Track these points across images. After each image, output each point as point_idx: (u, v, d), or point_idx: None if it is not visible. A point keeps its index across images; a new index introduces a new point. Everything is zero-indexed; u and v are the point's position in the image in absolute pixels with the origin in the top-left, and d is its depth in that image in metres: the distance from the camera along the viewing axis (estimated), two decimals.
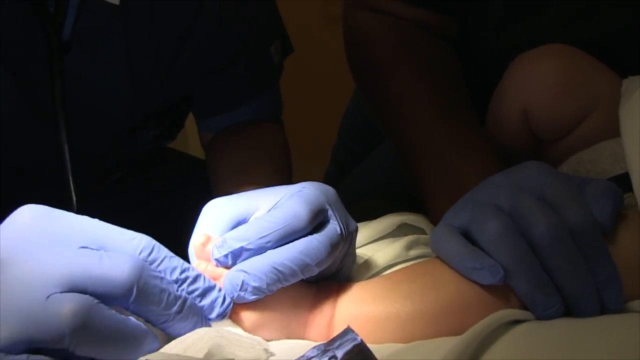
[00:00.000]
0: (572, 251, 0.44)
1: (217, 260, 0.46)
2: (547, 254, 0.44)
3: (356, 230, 0.50)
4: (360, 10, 0.75)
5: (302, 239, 0.46)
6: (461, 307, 0.46)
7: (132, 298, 0.40)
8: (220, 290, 0.45)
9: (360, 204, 0.75)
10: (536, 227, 0.44)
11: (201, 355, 0.40)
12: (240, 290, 0.45)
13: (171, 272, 0.43)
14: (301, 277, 0.46)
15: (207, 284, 0.44)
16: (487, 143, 0.65)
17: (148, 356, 0.40)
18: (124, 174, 0.90)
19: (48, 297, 0.38)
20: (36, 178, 0.75)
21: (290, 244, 0.46)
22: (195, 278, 0.44)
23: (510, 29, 0.71)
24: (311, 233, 0.47)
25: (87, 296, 0.39)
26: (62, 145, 0.64)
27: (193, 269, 0.44)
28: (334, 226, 0.47)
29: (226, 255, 0.46)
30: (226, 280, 0.45)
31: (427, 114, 0.67)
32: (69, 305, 0.38)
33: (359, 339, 0.41)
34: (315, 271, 0.46)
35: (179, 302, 0.42)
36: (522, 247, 0.44)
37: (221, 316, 0.45)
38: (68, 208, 0.66)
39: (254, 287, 0.45)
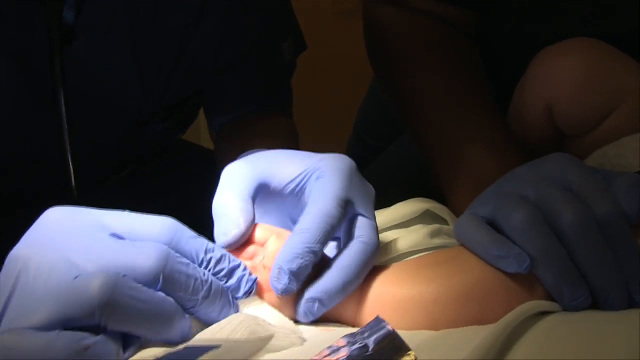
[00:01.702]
0: (600, 243, 0.44)
1: (283, 292, 0.45)
2: (575, 244, 0.43)
3: (374, 195, 0.51)
4: (380, 4, 0.75)
5: (355, 251, 0.47)
6: (486, 294, 0.45)
7: (159, 286, 0.41)
8: (245, 268, 0.45)
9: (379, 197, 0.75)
10: (564, 218, 0.44)
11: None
12: (315, 315, 0.46)
13: (196, 253, 0.43)
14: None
15: (232, 264, 0.45)
16: (510, 137, 0.65)
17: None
18: (134, 169, 0.89)
19: (76, 277, 0.39)
20: (40, 169, 0.75)
21: (349, 257, 0.47)
22: (220, 258, 0.44)
23: (531, 25, 0.71)
24: None
25: (113, 272, 0.39)
26: (63, 135, 0.64)
27: (217, 248, 0.45)
28: (370, 223, 0.49)
29: (290, 281, 0.45)
30: (301, 313, 0.46)
31: (449, 108, 0.67)
32: (96, 281, 0.38)
33: (390, 327, 0.41)
34: None
35: (205, 287, 0.42)
36: (550, 236, 0.44)
37: (247, 294, 0.45)
38: (70, 199, 0.66)
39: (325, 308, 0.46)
